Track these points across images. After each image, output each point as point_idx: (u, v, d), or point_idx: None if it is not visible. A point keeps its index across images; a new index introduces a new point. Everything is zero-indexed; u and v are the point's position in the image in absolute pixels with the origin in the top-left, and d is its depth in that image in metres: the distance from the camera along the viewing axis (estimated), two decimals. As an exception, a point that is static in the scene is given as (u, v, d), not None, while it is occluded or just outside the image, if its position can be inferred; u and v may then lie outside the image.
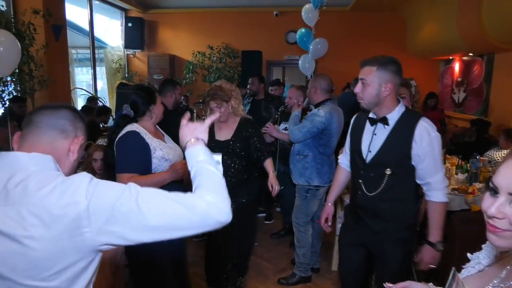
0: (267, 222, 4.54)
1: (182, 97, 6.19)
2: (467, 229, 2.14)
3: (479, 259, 1.00)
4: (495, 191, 0.80)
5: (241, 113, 2.70)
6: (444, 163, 4.05)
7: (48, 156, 1.04)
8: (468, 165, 3.52)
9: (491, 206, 0.80)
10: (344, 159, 2.25)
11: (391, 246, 1.94)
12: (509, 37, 4.92)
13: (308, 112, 3.20)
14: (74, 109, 1.15)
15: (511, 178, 0.77)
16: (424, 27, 7.14)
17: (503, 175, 0.79)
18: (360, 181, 1.99)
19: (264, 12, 8.11)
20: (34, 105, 5.10)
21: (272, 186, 2.56)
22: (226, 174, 2.59)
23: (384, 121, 1.89)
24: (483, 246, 1.01)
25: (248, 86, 4.74)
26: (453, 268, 0.99)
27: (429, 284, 1.08)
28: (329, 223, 2.23)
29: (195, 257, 3.59)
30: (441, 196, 1.87)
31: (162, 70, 8.14)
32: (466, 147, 4.51)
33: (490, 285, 0.89)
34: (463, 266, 1.04)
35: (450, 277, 0.97)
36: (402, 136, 1.85)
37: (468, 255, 1.04)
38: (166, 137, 2.37)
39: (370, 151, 1.94)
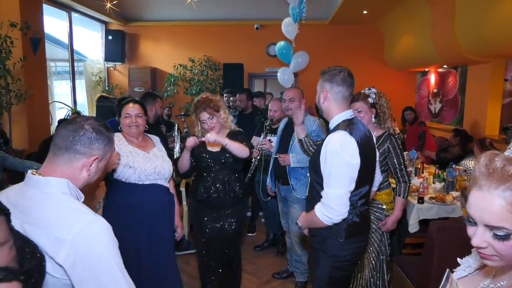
0: (250, 234, 4.52)
1: (166, 109, 6.16)
2: (444, 237, 2.19)
3: (469, 263, 1.03)
4: (472, 221, 0.84)
5: (230, 124, 2.67)
6: (422, 172, 4.14)
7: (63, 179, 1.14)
8: (445, 174, 3.61)
9: (473, 236, 0.83)
10: None
11: (315, 249, 1.96)
12: (479, 50, 5.14)
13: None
14: (94, 128, 1.19)
15: (481, 211, 0.80)
16: (401, 40, 7.36)
17: (474, 208, 0.82)
18: None
19: (245, 25, 8.21)
20: (10, 119, 4.99)
21: None
22: (219, 189, 2.55)
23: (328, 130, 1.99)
24: (472, 250, 1.01)
25: (237, 103, 4.64)
26: (447, 270, 1.02)
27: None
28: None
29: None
30: (317, 208, 1.82)
31: (143, 82, 8.09)
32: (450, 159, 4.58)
33: (481, 285, 0.92)
34: (454, 270, 1.05)
35: (444, 278, 1.00)
36: (321, 144, 1.86)
37: (458, 259, 1.06)
38: (155, 148, 2.44)
39: None
